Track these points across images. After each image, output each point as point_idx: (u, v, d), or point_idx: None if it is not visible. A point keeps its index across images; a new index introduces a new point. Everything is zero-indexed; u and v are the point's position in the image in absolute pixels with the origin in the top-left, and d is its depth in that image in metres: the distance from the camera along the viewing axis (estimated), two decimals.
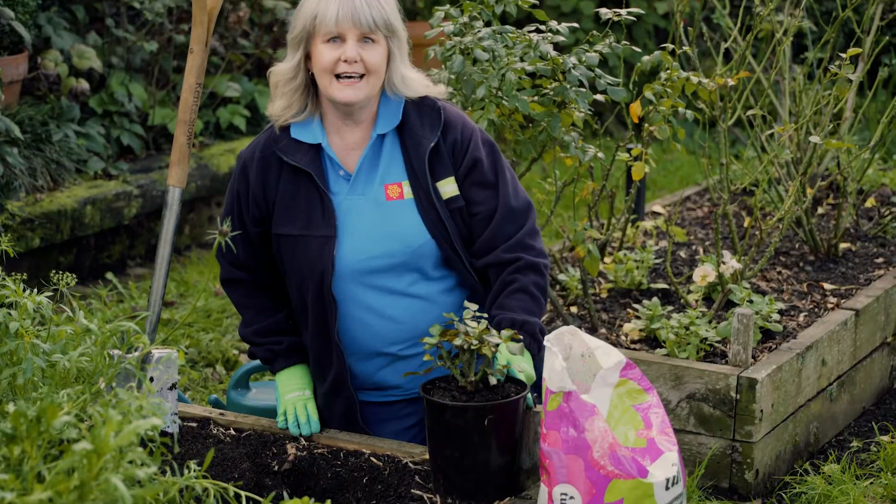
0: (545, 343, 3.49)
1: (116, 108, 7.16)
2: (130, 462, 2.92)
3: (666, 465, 3.44)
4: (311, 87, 3.93)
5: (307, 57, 3.88)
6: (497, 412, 3.53)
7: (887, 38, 6.54)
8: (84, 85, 6.86)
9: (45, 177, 6.59)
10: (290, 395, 3.99)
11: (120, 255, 6.98)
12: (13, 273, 3.65)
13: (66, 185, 6.68)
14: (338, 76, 3.81)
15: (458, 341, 3.55)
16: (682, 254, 5.80)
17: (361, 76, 3.81)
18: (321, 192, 3.89)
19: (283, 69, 3.91)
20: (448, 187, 3.91)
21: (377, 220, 3.90)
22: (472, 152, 3.91)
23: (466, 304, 3.68)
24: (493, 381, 3.56)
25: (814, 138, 4.98)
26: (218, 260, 4.09)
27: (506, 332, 3.58)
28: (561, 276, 5.24)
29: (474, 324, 3.58)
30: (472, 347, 3.54)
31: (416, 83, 3.93)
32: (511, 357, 3.69)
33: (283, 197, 3.93)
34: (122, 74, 7.27)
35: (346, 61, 3.79)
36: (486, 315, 3.70)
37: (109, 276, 6.58)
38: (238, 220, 3.96)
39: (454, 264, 3.94)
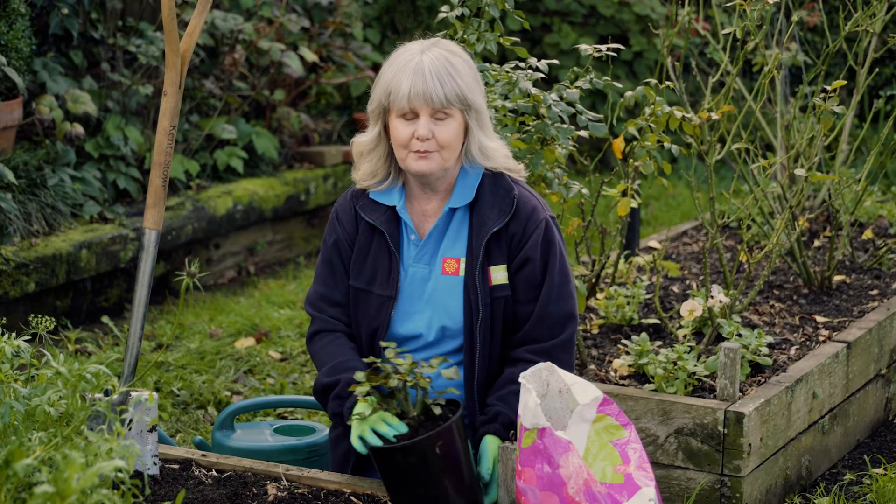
0: (521, 380, 3.49)
1: (112, 152, 7.18)
2: None
3: (643, 501, 3.43)
4: (392, 155, 3.98)
5: (385, 127, 3.93)
6: (445, 437, 3.56)
7: (878, 70, 6.52)
8: (78, 129, 6.89)
9: (41, 221, 6.61)
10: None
11: (117, 298, 6.99)
12: (9, 317, 3.67)
13: (61, 229, 6.70)
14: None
15: (393, 383, 3.58)
16: (676, 288, 5.78)
17: (435, 150, 3.85)
18: (391, 252, 3.96)
19: (365, 140, 3.98)
20: (499, 274, 3.93)
21: (429, 292, 3.96)
22: (527, 249, 3.93)
23: (383, 343, 3.72)
24: (437, 410, 3.61)
25: (799, 171, 4.97)
26: (310, 313, 4.08)
27: (435, 360, 3.63)
28: None
29: (401, 360, 3.61)
30: (409, 384, 3.58)
31: (496, 154, 3.95)
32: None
33: (358, 250, 4.01)
34: (117, 118, 7.29)
35: (418, 138, 3.82)
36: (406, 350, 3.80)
37: (105, 319, 6.59)
38: (340, 268, 4.04)
39: (466, 351, 3.95)
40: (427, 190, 3.97)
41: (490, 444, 3.79)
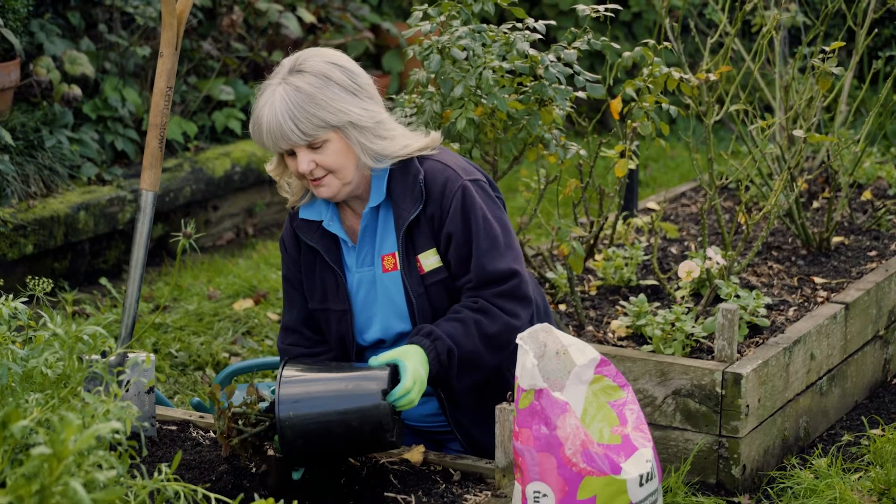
0: (518, 341, 3.48)
1: (110, 114, 7.16)
2: (98, 466, 2.92)
3: (640, 462, 3.43)
4: None
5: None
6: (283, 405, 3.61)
7: (877, 31, 6.49)
8: (76, 91, 6.86)
9: (38, 183, 6.60)
10: None
11: (115, 260, 6.98)
12: (7, 279, 3.66)
13: (59, 190, 6.69)
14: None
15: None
16: (674, 250, 5.78)
17: (326, 174, 3.81)
18: (332, 267, 3.93)
19: (271, 169, 3.95)
20: (430, 259, 3.88)
21: (377, 293, 3.94)
22: (446, 227, 3.85)
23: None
24: (267, 396, 3.68)
25: (797, 132, 4.96)
26: (279, 349, 4.11)
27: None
28: (549, 274, 5.23)
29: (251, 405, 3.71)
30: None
31: (391, 150, 3.84)
32: None
33: (306, 272, 4.00)
34: (115, 79, 7.27)
35: (303, 174, 3.79)
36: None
37: (104, 281, 6.59)
38: (294, 296, 4.04)
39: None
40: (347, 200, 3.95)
41: (405, 347, 3.78)
